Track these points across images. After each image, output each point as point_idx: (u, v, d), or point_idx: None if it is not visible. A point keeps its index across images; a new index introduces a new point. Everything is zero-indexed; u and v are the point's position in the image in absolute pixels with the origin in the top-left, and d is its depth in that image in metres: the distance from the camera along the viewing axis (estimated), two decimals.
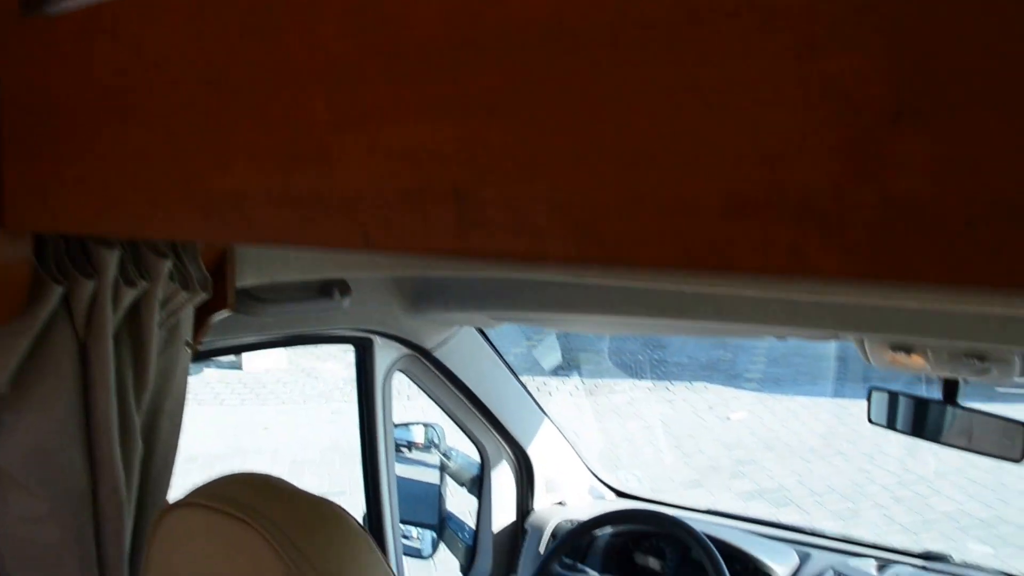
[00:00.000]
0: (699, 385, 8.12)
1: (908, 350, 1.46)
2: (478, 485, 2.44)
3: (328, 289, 1.56)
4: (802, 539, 2.24)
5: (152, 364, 1.06)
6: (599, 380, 8.00)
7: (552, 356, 7.89)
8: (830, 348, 9.36)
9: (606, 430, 6.88)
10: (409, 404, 4.39)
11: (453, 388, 2.17)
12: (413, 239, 0.49)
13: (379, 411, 2.04)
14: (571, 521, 2.37)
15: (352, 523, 0.87)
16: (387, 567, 0.86)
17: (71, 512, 1.01)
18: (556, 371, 7.75)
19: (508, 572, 2.39)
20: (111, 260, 0.94)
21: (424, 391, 2.19)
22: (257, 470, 0.94)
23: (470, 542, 2.46)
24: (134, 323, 1.03)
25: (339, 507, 0.88)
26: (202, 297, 1.12)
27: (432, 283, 1.81)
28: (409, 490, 2.49)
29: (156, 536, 0.88)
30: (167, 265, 1.01)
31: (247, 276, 1.27)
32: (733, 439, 6.86)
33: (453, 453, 2.54)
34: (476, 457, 2.44)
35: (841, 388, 8.23)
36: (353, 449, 2.14)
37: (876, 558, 2.10)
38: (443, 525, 2.50)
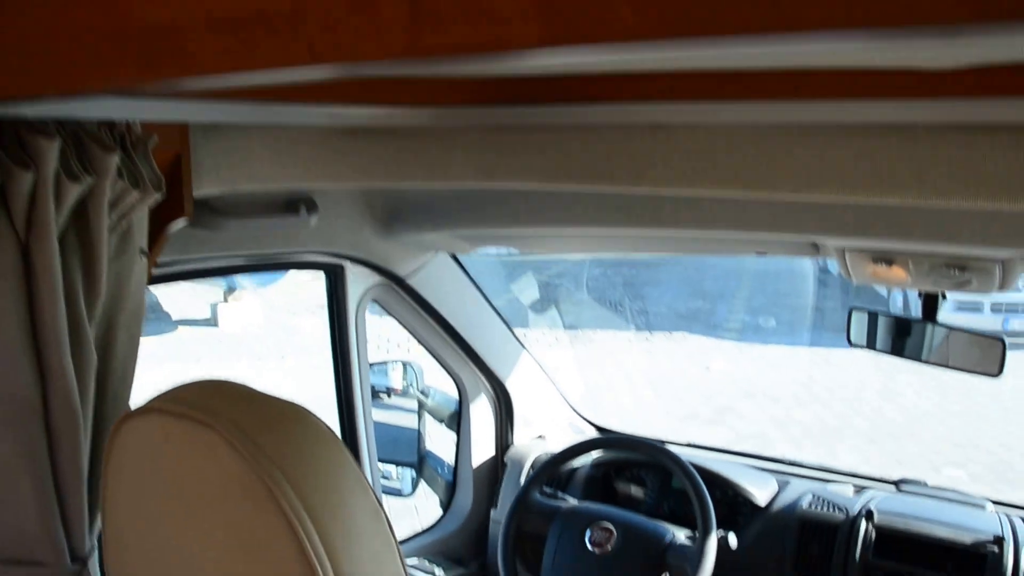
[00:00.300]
0: (679, 335, 8.15)
1: (889, 261, 1.43)
2: (457, 420, 2.41)
3: (294, 205, 1.51)
4: (781, 468, 2.24)
5: (103, 271, 1.00)
6: (579, 330, 8.00)
7: (529, 291, 7.86)
8: (808, 298, 9.42)
9: (586, 379, 6.89)
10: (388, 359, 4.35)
11: (428, 318, 2.13)
12: (362, 45, 0.45)
13: (353, 342, 2.00)
14: (551, 454, 2.36)
15: (317, 422, 0.83)
16: (356, 467, 0.83)
17: (20, 424, 0.96)
18: (537, 320, 7.74)
19: (488, 506, 2.37)
20: (49, 150, 0.88)
21: (399, 321, 2.14)
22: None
23: (450, 478, 2.44)
24: (81, 225, 0.97)
25: (304, 408, 0.84)
26: (155, 198, 1.06)
27: (403, 201, 1.76)
28: (388, 431, 2.47)
29: (114, 445, 0.84)
30: (114, 160, 0.95)
31: (204, 184, 1.21)
32: (713, 387, 6.91)
33: (431, 390, 2.51)
34: (454, 393, 2.41)
35: (819, 337, 8.29)
36: (333, 402, 2.11)
37: (854, 485, 2.11)
38: (422, 463, 2.48)
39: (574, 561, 1.82)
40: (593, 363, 7.33)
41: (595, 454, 2.24)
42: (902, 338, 1.66)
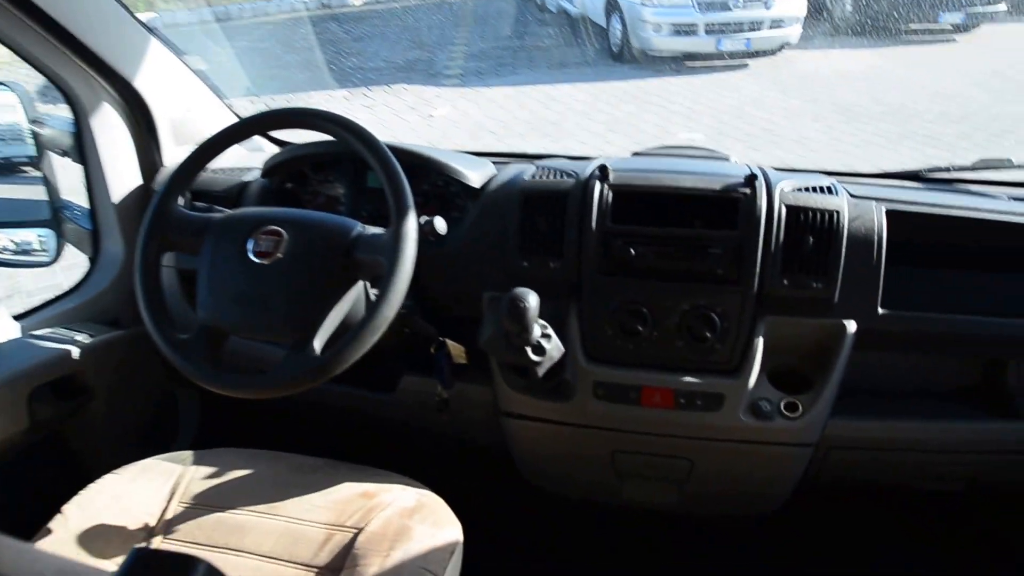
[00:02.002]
0: (398, 87, 7.61)
1: None
2: (80, 146, 1.81)
3: None
4: (503, 161, 1.89)
5: None
6: (290, 95, 7.24)
7: (230, 59, 6.88)
8: (528, 39, 9.19)
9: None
10: None
11: None
12: None
13: None
14: (216, 170, 1.85)
15: None
16: None
17: None
18: (241, 89, 6.85)
19: None
20: None
21: None
22: None
23: (91, 225, 1.88)
24: None
25: None
26: None
27: None
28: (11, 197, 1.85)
29: None
30: None
31: None
32: (438, 134, 6.56)
33: (46, 118, 1.88)
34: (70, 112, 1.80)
35: (542, 75, 8.13)
36: None
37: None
38: (59, 218, 1.89)
39: (233, 280, 1.29)
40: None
41: (263, 153, 1.77)
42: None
